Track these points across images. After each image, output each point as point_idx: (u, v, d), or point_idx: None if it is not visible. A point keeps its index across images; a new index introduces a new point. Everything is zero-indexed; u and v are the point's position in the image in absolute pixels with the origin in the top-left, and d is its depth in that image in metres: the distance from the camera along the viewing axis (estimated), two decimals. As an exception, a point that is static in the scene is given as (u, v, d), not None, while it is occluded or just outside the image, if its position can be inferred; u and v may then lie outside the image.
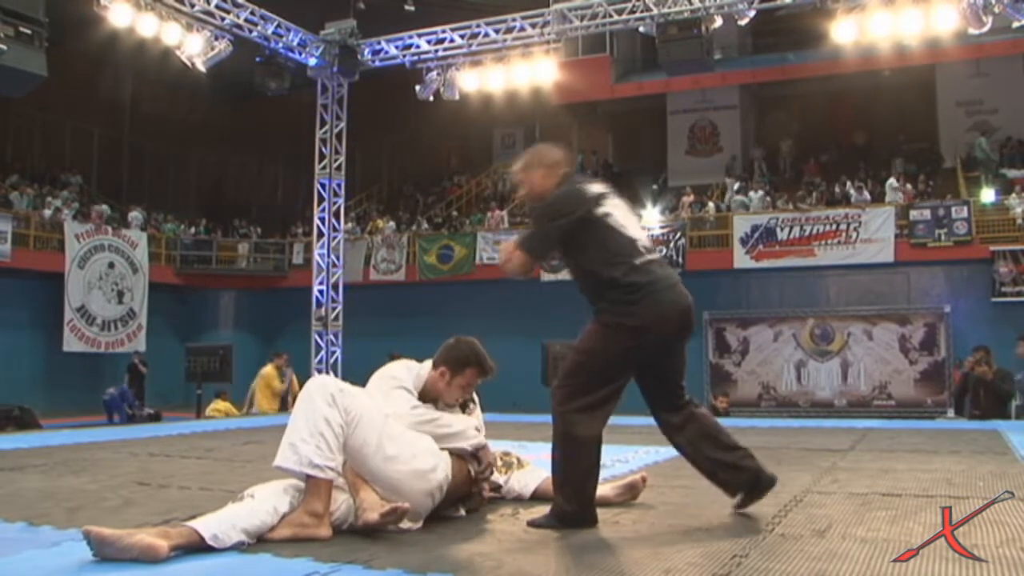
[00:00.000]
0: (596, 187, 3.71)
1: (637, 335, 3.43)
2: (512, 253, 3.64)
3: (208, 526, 2.99)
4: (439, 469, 3.44)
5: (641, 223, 3.75)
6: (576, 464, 3.45)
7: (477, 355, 3.81)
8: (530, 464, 4.23)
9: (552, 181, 3.72)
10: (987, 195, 17.96)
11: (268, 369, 12.55)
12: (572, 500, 3.43)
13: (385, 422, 3.38)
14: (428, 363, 3.84)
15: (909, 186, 18.84)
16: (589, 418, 3.44)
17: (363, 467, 3.33)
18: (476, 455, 3.68)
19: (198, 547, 2.95)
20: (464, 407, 3.86)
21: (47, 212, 19.59)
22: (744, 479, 3.60)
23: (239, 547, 3.00)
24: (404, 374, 3.77)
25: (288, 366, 12.87)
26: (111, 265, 20.01)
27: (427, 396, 3.75)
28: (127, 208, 22.20)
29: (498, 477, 4.02)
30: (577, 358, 3.54)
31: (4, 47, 10.92)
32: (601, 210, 3.57)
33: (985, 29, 13.15)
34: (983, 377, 10.20)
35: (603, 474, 4.97)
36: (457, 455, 3.60)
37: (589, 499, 3.48)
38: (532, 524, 3.47)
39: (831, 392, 17.27)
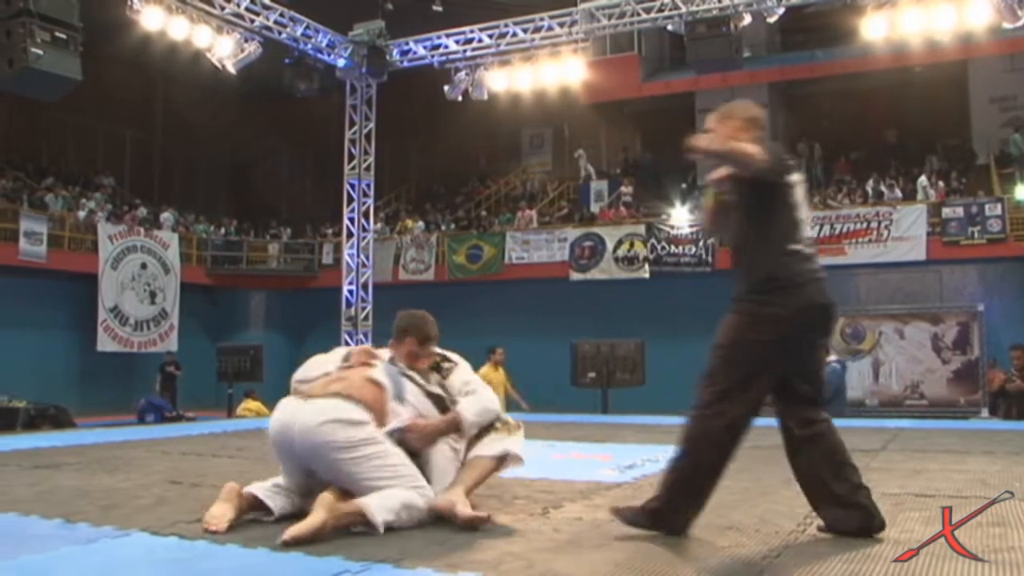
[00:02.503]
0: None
1: (776, 326, 3.22)
2: (743, 146, 3.30)
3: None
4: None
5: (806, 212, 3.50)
6: (702, 463, 3.25)
7: (414, 323, 3.91)
8: (519, 430, 3.91)
9: (746, 138, 3.46)
10: (1021, 192, 17.68)
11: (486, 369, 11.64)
12: (679, 501, 3.23)
13: None
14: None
15: (941, 183, 18.62)
16: (732, 419, 3.23)
17: None
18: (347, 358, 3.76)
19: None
20: (438, 370, 3.91)
21: (81, 214, 19.82)
22: (853, 522, 3.26)
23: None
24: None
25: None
26: (143, 266, 20.21)
27: None
28: (159, 209, 22.43)
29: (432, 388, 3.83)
30: (718, 353, 3.31)
31: (41, 52, 11.08)
32: (792, 178, 3.40)
33: (1019, 23, 12.99)
34: (1019, 390, 10.06)
35: (633, 473, 4.97)
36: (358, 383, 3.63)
37: (697, 505, 3.26)
38: (618, 515, 3.29)
39: (862, 391, 17.09)
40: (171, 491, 4.41)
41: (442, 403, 3.78)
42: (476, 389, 3.87)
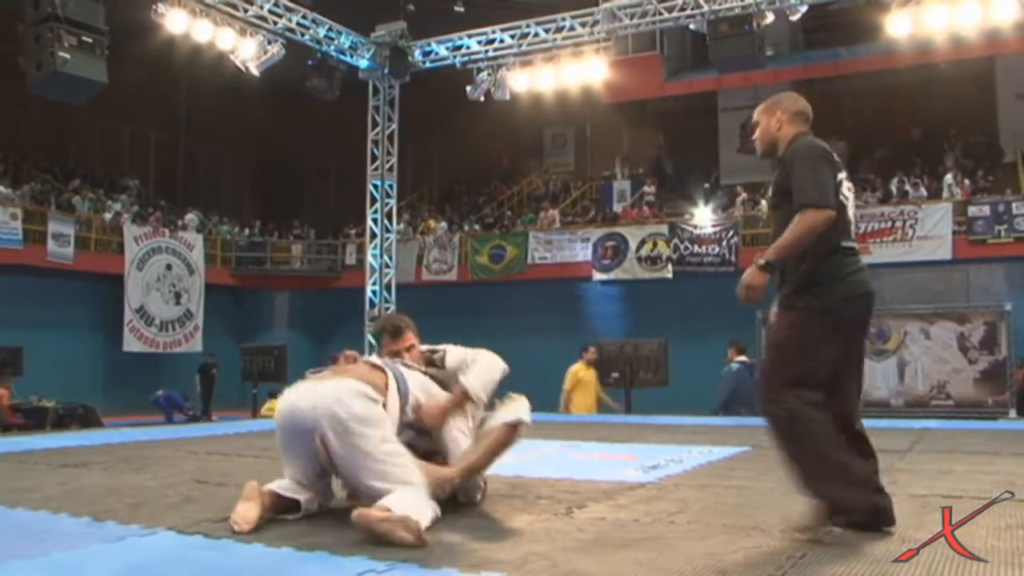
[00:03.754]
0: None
1: (828, 319, 3.23)
2: (801, 222, 3.19)
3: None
4: None
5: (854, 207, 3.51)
6: (816, 442, 3.17)
7: (381, 324, 4.33)
8: (522, 399, 3.99)
9: (791, 131, 3.48)
10: (1049, 190, 17.54)
11: (578, 367, 11.57)
12: (837, 481, 3.10)
13: None
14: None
15: (967, 181, 18.45)
16: (808, 400, 3.19)
17: None
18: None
19: None
20: (432, 363, 4.09)
21: (107, 216, 20.01)
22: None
23: None
24: None
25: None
26: (168, 267, 20.39)
27: None
28: (183, 210, 22.61)
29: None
30: (775, 353, 3.34)
31: (68, 56, 11.21)
32: (840, 176, 3.38)
33: (1047, 20, 12.87)
34: None
35: (657, 474, 4.96)
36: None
37: (855, 475, 3.13)
38: (820, 541, 3.07)
39: (888, 392, 16.92)
40: (197, 490, 4.44)
41: (444, 384, 3.95)
42: (474, 359, 3.99)
